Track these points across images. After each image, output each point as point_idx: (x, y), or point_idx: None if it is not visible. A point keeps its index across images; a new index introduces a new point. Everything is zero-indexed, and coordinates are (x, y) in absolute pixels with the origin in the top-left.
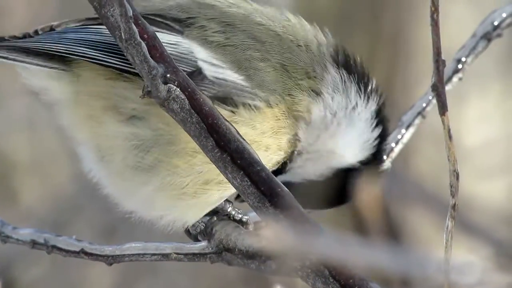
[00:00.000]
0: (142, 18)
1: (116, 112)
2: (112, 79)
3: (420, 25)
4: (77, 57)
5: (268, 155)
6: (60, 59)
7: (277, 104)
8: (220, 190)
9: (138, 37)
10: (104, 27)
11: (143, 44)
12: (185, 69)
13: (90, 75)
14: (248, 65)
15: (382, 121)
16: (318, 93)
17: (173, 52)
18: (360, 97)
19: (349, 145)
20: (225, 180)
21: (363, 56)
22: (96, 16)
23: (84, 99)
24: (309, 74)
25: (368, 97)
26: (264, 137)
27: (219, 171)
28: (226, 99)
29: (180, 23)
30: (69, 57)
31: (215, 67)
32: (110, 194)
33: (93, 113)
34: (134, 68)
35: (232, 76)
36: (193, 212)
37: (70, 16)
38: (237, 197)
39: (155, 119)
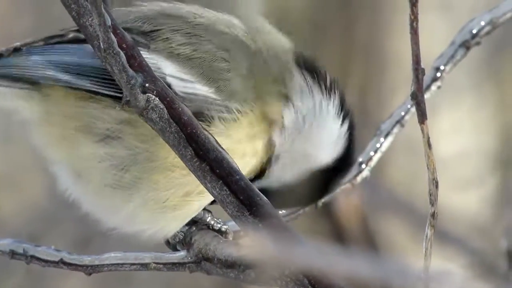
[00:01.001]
0: (121, 28)
1: (89, 133)
2: (83, 98)
3: (393, 35)
4: (45, 82)
5: (245, 161)
6: (28, 79)
7: (251, 111)
8: (201, 200)
9: (117, 47)
10: (71, 44)
11: (122, 53)
12: None
13: (60, 95)
14: (216, 76)
15: (348, 113)
16: (287, 97)
17: None
18: (323, 94)
19: (322, 144)
20: (205, 189)
21: (337, 67)
22: (60, 33)
23: (56, 119)
24: (277, 79)
25: (330, 93)
26: (240, 144)
27: (198, 182)
28: (198, 114)
29: (146, 36)
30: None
31: (184, 82)
32: (90, 212)
33: (66, 133)
34: (105, 89)
35: (201, 89)
36: (175, 224)
37: (45, 28)
38: (212, 202)
39: (130, 137)
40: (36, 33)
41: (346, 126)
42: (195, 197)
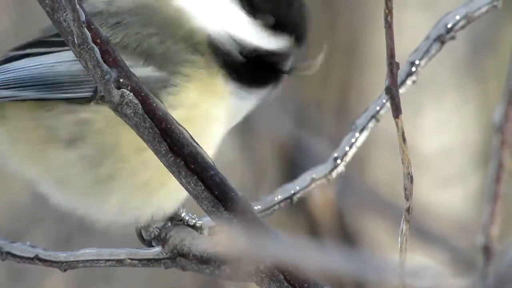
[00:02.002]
0: (95, 23)
1: (54, 141)
2: (34, 111)
3: (374, 33)
4: None
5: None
6: None
7: (192, 72)
8: None
9: (91, 42)
10: (9, 64)
11: (96, 49)
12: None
13: (15, 114)
14: (153, 52)
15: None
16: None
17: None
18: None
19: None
20: None
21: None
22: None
23: (19, 137)
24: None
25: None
26: (197, 106)
27: None
28: None
29: None
30: None
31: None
32: (86, 216)
33: (34, 148)
34: (50, 94)
35: (145, 70)
36: (171, 200)
37: (26, 27)
38: None
39: (92, 134)
40: (17, 33)
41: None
42: None
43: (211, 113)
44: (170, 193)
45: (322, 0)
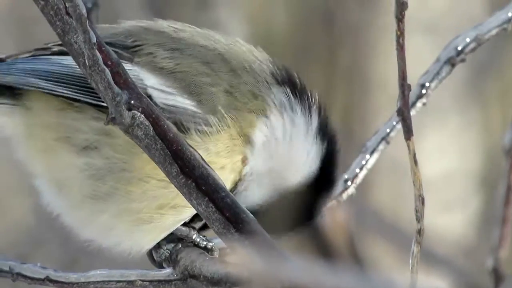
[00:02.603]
0: (106, 45)
1: (69, 143)
2: (63, 109)
3: (376, 57)
4: (28, 88)
5: (224, 175)
6: (10, 94)
7: (230, 126)
8: (175, 214)
9: (102, 64)
10: (55, 56)
11: (107, 70)
12: None
13: (41, 107)
14: (199, 90)
15: (328, 133)
16: (264, 113)
17: None
18: (304, 113)
19: (295, 164)
20: (180, 204)
21: (321, 88)
22: (45, 46)
23: (37, 132)
24: (256, 95)
25: (310, 112)
26: (219, 157)
27: (172, 196)
28: (176, 125)
29: (129, 50)
30: (19, 90)
31: (165, 94)
32: (69, 225)
33: (46, 145)
34: (84, 96)
35: (183, 102)
36: (150, 237)
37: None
38: (203, 228)
39: (107, 148)
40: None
41: (325, 146)
42: (169, 210)
43: (226, 170)
44: (151, 232)
45: (324, 25)
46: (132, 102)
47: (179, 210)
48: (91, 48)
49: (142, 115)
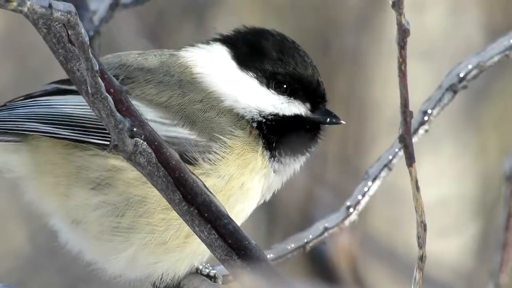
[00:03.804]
0: (108, 73)
1: (80, 181)
2: (69, 146)
3: (373, 85)
4: (29, 133)
5: (247, 191)
6: (14, 132)
7: (235, 145)
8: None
9: (105, 91)
10: (52, 97)
11: (110, 98)
12: None
13: (47, 145)
14: (195, 118)
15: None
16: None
17: None
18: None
19: None
20: None
21: None
22: (41, 89)
23: (45, 169)
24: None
25: None
26: (233, 179)
27: None
28: (181, 157)
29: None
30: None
31: (165, 126)
32: (92, 260)
33: (57, 183)
34: (86, 137)
35: (183, 132)
36: (183, 264)
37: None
38: None
39: (120, 183)
40: (16, 85)
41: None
42: (196, 238)
43: (246, 186)
44: (184, 257)
45: (320, 50)
46: (134, 129)
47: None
48: (93, 75)
49: (145, 143)
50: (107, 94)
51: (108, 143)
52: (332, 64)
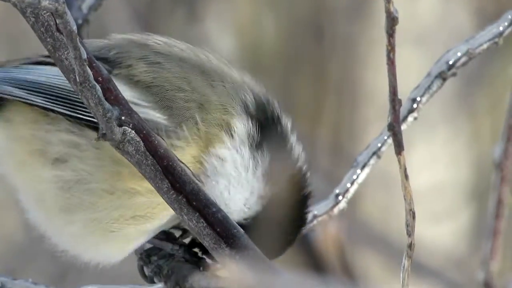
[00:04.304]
0: (96, 61)
1: (42, 156)
2: (37, 122)
3: (366, 70)
4: (2, 96)
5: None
6: None
7: (196, 141)
8: (137, 224)
9: (93, 80)
10: (35, 66)
11: (98, 86)
12: None
13: (19, 120)
14: (172, 104)
15: (275, 176)
16: (229, 132)
17: None
18: (256, 151)
19: (237, 202)
20: (140, 215)
21: (310, 101)
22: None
23: (14, 145)
24: (226, 111)
25: (262, 151)
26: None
27: (136, 206)
28: None
29: (109, 62)
30: (1, 100)
31: (137, 107)
32: (46, 236)
33: (23, 158)
34: (57, 106)
35: (154, 115)
36: (116, 248)
37: None
38: (195, 243)
39: (76, 160)
40: None
41: (268, 189)
42: (132, 220)
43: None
44: (121, 241)
45: (313, 37)
46: (123, 118)
47: (139, 221)
48: (81, 64)
49: (133, 131)
50: (95, 83)
51: (77, 115)
52: (325, 52)
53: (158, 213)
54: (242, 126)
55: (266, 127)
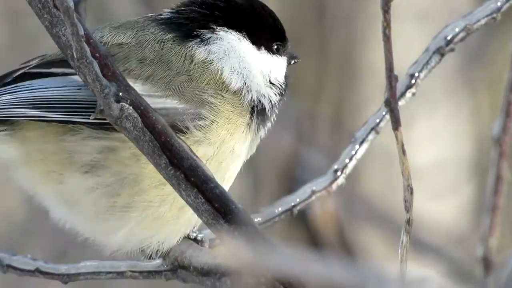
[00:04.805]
0: (94, 37)
1: (73, 165)
2: (60, 133)
3: (367, 46)
4: (17, 119)
5: (237, 156)
6: (3, 121)
7: (223, 107)
8: (185, 212)
9: (90, 56)
10: (35, 81)
11: (95, 63)
12: None
13: (38, 134)
14: (181, 89)
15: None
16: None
17: None
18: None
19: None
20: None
21: (312, 78)
22: (22, 66)
23: (37, 157)
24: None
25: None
26: (225, 143)
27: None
28: (173, 128)
29: None
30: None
31: (152, 98)
32: (90, 238)
33: (49, 170)
34: (74, 117)
35: (171, 103)
36: (178, 234)
37: (19, 43)
38: None
39: (113, 163)
40: (11, 48)
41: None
42: (190, 209)
43: (236, 150)
44: (179, 228)
45: (315, 15)
46: (120, 94)
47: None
48: (79, 40)
49: (131, 107)
50: (92, 59)
51: (97, 121)
52: (326, 29)
53: None
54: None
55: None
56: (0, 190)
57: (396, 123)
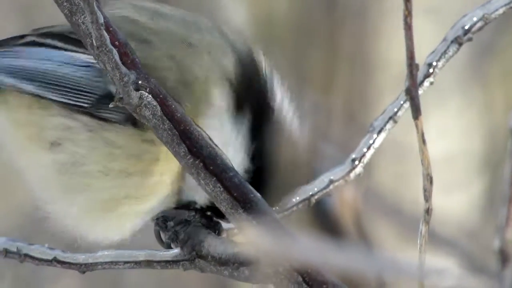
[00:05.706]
0: (113, 25)
1: (39, 140)
2: (31, 106)
3: (378, 39)
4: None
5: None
6: None
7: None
8: (134, 204)
9: (110, 44)
10: (24, 48)
11: (115, 51)
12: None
13: (16, 103)
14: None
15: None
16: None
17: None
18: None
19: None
20: (133, 195)
21: (323, 71)
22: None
23: (14, 129)
24: (207, 87)
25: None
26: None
27: (136, 185)
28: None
29: None
30: None
31: None
32: (55, 219)
33: (23, 142)
34: (45, 93)
35: None
36: (114, 227)
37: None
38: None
39: (69, 143)
40: None
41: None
42: (127, 200)
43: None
44: (121, 222)
45: (326, 7)
46: (139, 82)
47: (135, 201)
48: (98, 28)
49: (150, 95)
50: (112, 47)
51: (69, 102)
52: (337, 22)
53: (150, 194)
54: (220, 93)
55: (249, 89)
56: (12, 181)
57: (416, 112)
